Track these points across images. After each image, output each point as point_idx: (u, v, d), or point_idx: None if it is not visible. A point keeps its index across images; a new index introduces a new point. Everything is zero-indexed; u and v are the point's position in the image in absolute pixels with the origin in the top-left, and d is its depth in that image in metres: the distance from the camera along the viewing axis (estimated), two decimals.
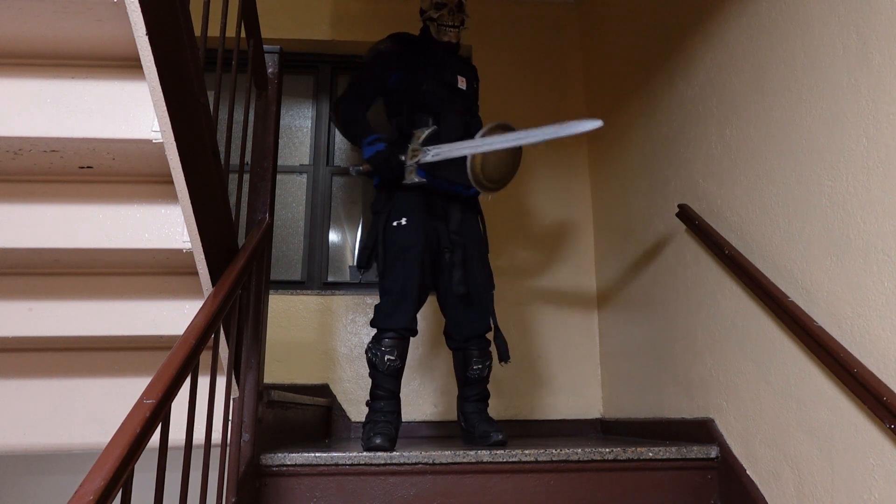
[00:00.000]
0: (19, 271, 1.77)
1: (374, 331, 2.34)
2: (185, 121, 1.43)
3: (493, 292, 2.52)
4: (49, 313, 1.75)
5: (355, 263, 2.41)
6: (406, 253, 2.32)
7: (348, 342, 3.33)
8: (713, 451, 2.04)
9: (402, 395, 2.50)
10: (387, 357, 2.27)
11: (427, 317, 3.30)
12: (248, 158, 2.15)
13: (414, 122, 2.45)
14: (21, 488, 2.95)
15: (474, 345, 2.44)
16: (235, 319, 1.75)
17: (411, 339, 2.38)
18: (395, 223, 2.36)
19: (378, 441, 2.06)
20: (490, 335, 2.48)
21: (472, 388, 2.47)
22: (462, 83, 2.56)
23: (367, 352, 2.34)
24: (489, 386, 2.54)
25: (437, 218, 2.43)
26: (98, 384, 1.90)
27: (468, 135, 2.48)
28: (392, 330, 2.29)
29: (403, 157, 2.34)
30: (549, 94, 3.72)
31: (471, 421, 2.44)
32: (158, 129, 1.41)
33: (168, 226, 1.64)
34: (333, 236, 3.63)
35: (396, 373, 2.30)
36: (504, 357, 2.42)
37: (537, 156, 3.63)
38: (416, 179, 2.34)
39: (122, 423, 1.10)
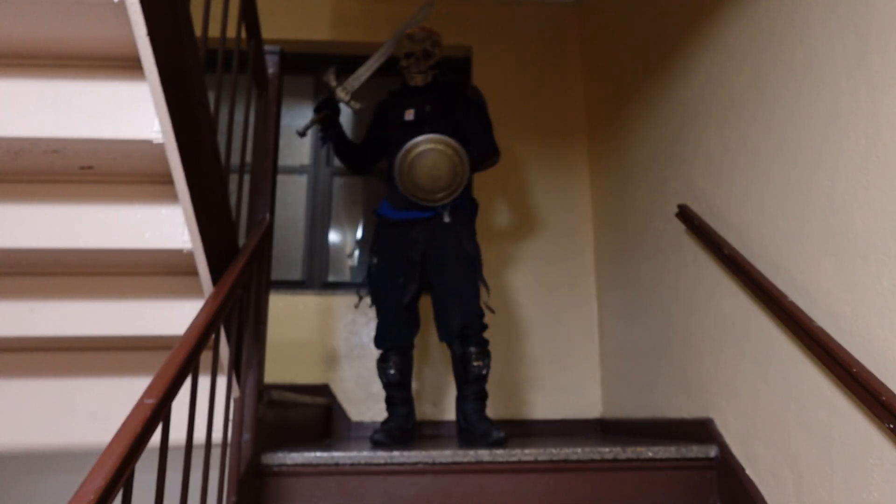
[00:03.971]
0: (20, 271, 1.77)
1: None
2: (185, 121, 1.44)
3: (474, 292, 2.56)
4: (50, 313, 1.75)
5: (357, 302, 2.79)
6: (382, 287, 2.61)
7: (348, 342, 3.33)
8: (712, 451, 2.04)
9: None
10: (389, 372, 2.57)
11: (427, 317, 3.31)
12: (248, 158, 2.15)
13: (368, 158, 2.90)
14: (21, 488, 2.95)
15: (473, 343, 2.52)
16: (236, 319, 1.75)
17: (414, 345, 2.64)
18: (372, 262, 2.67)
19: (377, 436, 2.36)
20: (486, 334, 2.57)
21: (470, 387, 2.54)
22: (409, 115, 2.73)
23: (377, 366, 2.63)
24: (487, 386, 2.59)
25: (404, 246, 2.62)
26: (98, 384, 1.90)
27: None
28: (388, 349, 2.58)
29: (336, 93, 2.71)
30: (549, 95, 3.72)
31: (470, 420, 2.50)
32: (159, 130, 1.41)
33: (168, 226, 1.64)
34: (333, 236, 3.64)
35: (399, 384, 2.59)
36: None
37: (537, 156, 3.63)
38: (357, 106, 2.70)
39: (123, 423, 1.10)
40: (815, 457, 1.65)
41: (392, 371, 2.56)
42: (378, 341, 2.60)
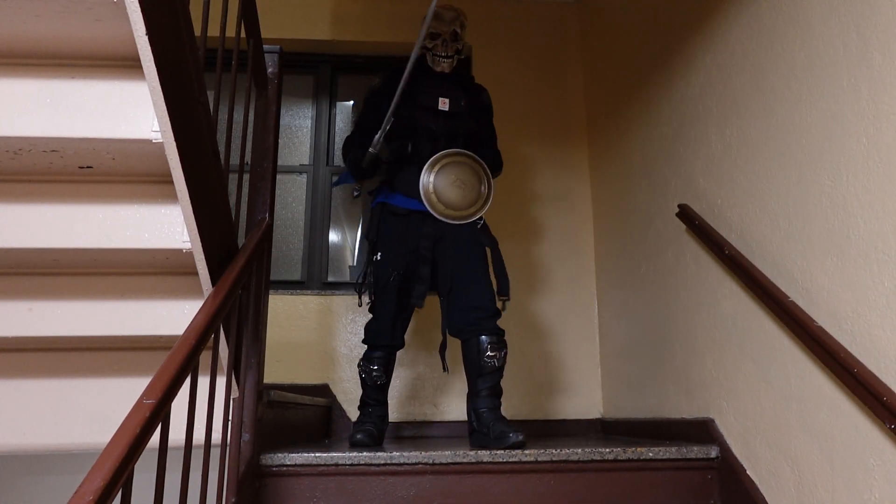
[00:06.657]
0: (19, 271, 1.77)
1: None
2: (184, 121, 1.43)
3: (489, 281, 2.44)
4: (49, 313, 1.75)
5: (359, 300, 2.61)
6: (386, 284, 2.48)
7: (348, 342, 3.33)
8: (713, 451, 2.04)
9: (401, 394, 2.66)
10: (374, 374, 2.47)
11: (426, 316, 3.30)
12: (248, 158, 2.15)
13: (392, 148, 2.52)
14: (21, 488, 2.95)
15: (487, 331, 2.34)
16: (235, 319, 1.75)
17: (404, 347, 2.58)
18: (375, 258, 2.53)
19: (359, 437, 2.31)
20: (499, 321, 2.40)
21: (484, 381, 2.33)
22: (444, 104, 2.59)
23: (358, 366, 2.54)
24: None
25: (411, 239, 2.50)
26: (98, 384, 1.89)
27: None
28: (379, 347, 2.48)
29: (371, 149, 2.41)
30: (549, 94, 3.72)
31: (484, 420, 2.28)
32: (158, 129, 1.41)
33: (168, 226, 1.63)
34: (333, 236, 3.63)
35: (383, 387, 2.51)
36: (504, 292, 2.47)
37: (537, 156, 3.63)
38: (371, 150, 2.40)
39: (122, 424, 1.10)
40: (817, 457, 1.65)
41: (378, 372, 2.45)
42: (372, 339, 2.49)
